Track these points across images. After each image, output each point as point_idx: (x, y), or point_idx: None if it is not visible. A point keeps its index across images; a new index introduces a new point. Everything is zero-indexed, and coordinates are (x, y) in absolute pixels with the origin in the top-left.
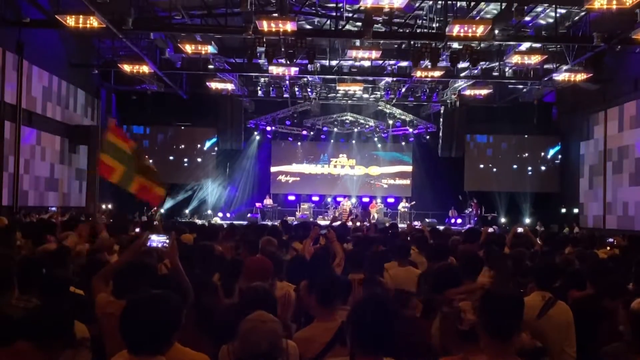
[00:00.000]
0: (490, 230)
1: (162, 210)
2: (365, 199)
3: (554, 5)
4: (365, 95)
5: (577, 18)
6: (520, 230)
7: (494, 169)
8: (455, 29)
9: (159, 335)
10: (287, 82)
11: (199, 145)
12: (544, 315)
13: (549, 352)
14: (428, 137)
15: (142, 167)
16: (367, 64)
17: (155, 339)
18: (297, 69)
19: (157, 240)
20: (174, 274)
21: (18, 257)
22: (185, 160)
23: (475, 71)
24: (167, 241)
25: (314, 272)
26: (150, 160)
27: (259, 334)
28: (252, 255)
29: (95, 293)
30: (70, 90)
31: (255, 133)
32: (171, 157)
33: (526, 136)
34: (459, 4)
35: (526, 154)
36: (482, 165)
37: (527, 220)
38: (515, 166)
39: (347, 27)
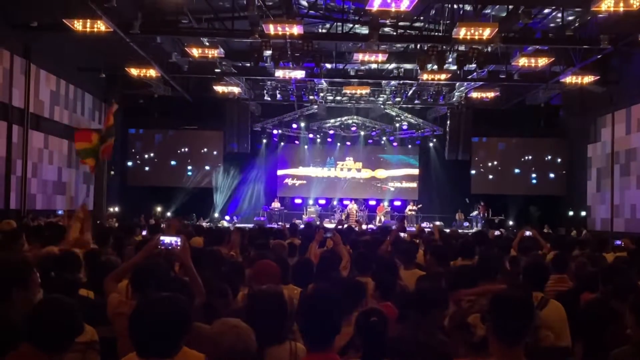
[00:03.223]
0: (497, 233)
1: (168, 214)
2: (372, 202)
3: (560, 8)
4: (372, 98)
5: (582, 20)
6: (528, 233)
7: (501, 172)
8: (462, 32)
9: (167, 339)
10: (294, 85)
11: (205, 149)
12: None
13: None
14: (434, 139)
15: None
16: (373, 66)
17: (163, 342)
18: (303, 72)
19: (168, 240)
20: (187, 275)
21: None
22: (192, 163)
23: (482, 74)
24: (179, 242)
25: (321, 275)
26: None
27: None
28: (261, 259)
29: (107, 293)
30: (78, 94)
31: (262, 136)
32: (178, 161)
33: (533, 139)
34: (465, 6)
35: (533, 157)
36: (488, 168)
37: (535, 223)
38: (522, 169)
39: (354, 30)
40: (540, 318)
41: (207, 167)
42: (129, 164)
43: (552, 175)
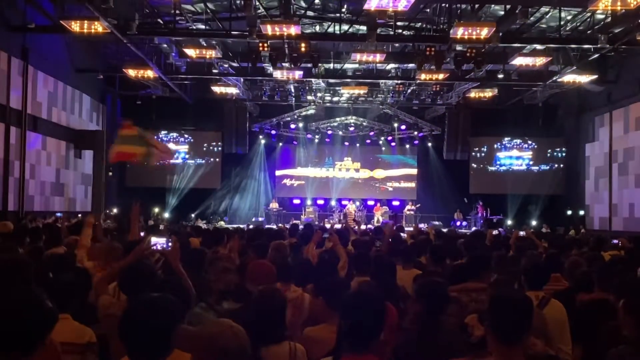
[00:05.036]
0: (495, 232)
1: (166, 215)
2: (370, 202)
3: (558, 7)
4: (370, 98)
5: (580, 19)
6: (522, 233)
7: (499, 171)
8: (460, 32)
9: (158, 340)
10: (292, 85)
11: (203, 150)
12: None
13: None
14: (433, 139)
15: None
16: (371, 66)
17: (154, 344)
18: (301, 72)
19: (158, 242)
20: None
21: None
22: (190, 164)
23: (480, 73)
24: (169, 243)
25: (320, 275)
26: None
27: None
28: (260, 259)
29: (99, 295)
30: (76, 95)
31: (260, 137)
32: (176, 162)
33: (531, 138)
34: (463, 6)
35: (531, 156)
36: (487, 168)
37: (534, 223)
38: (520, 168)
39: (351, 30)
40: (539, 317)
41: (205, 168)
42: (128, 164)
43: (550, 174)
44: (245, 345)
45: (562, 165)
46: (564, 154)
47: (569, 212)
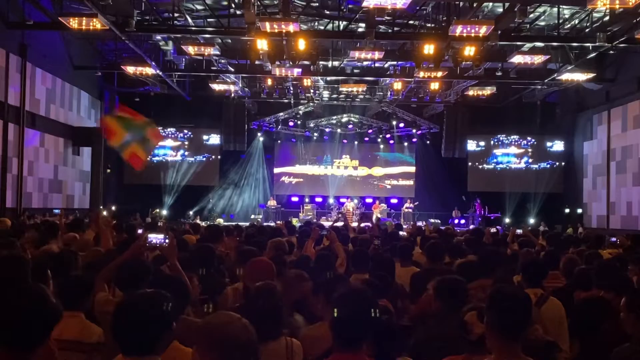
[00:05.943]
0: (493, 230)
1: (164, 212)
2: (369, 200)
3: (557, 5)
4: (368, 96)
5: (578, 17)
6: (519, 231)
7: (497, 169)
8: (458, 29)
9: (149, 335)
10: (290, 83)
11: (202, 147)
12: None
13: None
14: (431, 137)
15: (144, 140)
16: (370, 64)
17: (145, 339)
18: (299, 70)
19: (155, 238)
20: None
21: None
22: (189, 162)
23: (478, 71)
24: (166, 239)
25: (318, 272)
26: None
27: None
28: (258, 256)
29: (96, 292)
30: (74, 92)
31: (259, 134)
32: (174, 159)
33: (529, 136)
34: (461, 4)
35: (529, 154)
36: (485, 166)
37: (532, 221)
38: (518, 166)
39: (350, 28)
40: (534, 314)
41: (203, 165)
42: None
43: (548, 172)
44: (254, 340)
45: (560, 164)
46: (562, 152)
47: (567, 210)
